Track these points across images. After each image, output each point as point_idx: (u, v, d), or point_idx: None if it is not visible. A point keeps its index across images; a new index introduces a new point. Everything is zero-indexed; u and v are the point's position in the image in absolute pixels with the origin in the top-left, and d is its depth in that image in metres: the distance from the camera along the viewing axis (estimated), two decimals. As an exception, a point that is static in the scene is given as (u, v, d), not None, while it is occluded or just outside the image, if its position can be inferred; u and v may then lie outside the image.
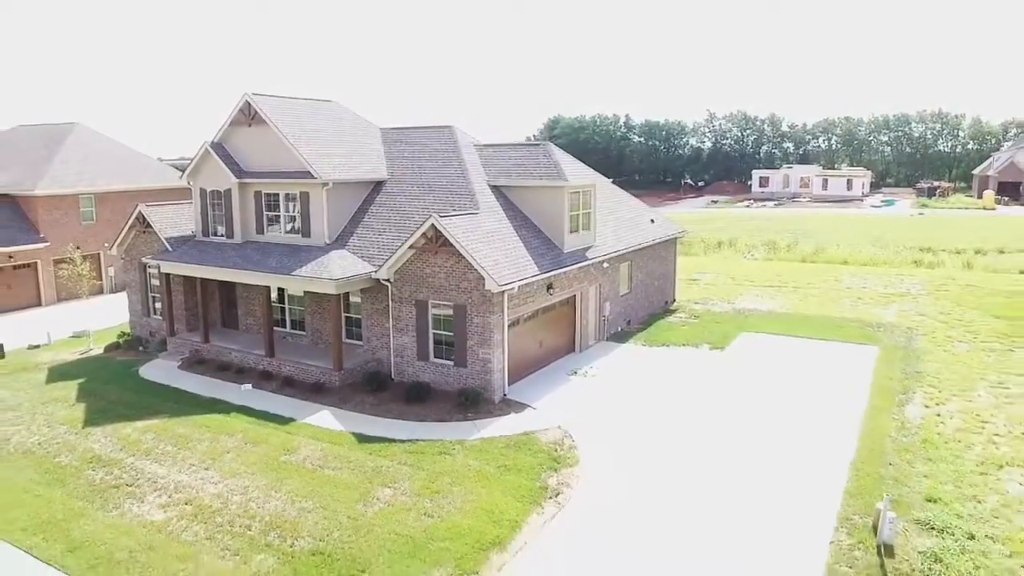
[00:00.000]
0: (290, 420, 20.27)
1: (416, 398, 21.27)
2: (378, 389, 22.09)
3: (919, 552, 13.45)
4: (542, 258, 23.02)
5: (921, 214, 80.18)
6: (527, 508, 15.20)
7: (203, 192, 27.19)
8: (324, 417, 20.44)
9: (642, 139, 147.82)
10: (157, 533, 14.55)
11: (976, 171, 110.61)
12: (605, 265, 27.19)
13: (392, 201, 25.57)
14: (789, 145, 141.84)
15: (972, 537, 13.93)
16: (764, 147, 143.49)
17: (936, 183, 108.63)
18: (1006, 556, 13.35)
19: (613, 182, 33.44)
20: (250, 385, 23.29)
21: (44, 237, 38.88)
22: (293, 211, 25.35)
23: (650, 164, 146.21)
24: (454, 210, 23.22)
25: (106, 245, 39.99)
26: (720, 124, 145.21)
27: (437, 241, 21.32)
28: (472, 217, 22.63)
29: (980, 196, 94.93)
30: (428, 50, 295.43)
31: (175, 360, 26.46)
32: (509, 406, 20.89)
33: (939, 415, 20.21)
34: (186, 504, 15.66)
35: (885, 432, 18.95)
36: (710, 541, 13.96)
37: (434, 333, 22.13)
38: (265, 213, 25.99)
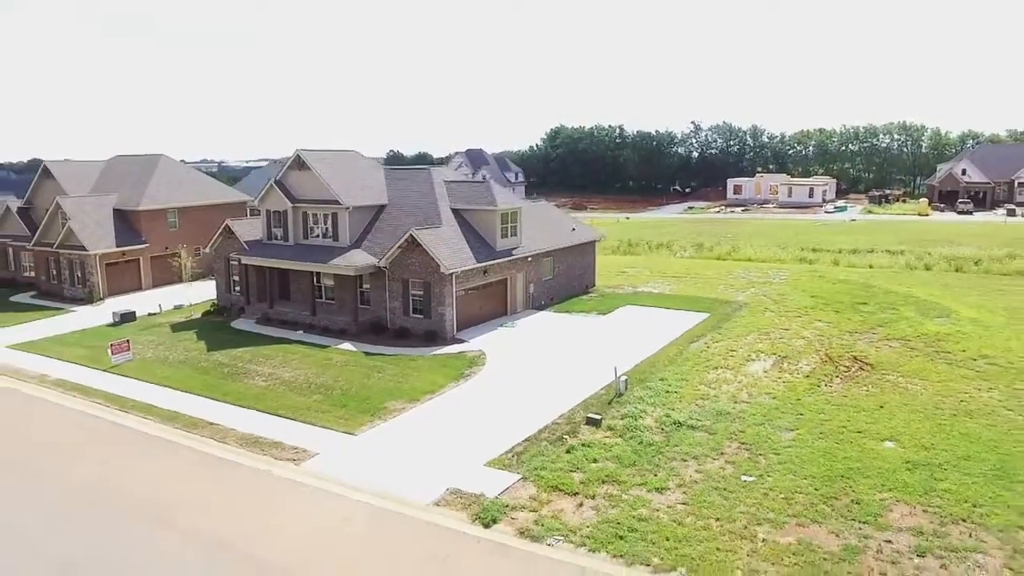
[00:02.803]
0: (327, 347, 34.94)
1: (401, 337, 35.76)
2: (379, 333, 36.61)
3: (635, 396, 27.52)
4: (479, 253, 37.35)
5: (854, 220, 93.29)
6: (450, 381, 29.60)
7: (268, 212, 41.80)
8: (346, 346, 35.04)
9: (635, 148, 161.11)
10: (263, 389, 29.20)
11: (929, 180, 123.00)
12: (529, 259, 41.42)
13: (390, 218, 40.03)
14: (769, 154, 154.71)
15: (668, 392, 27.94)
16: (747, 156, 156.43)
17: (887, 191, 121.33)
18: (677, 399, 27.29)
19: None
20: (301, 332, 37.89)
21: (145, 240, 53.87)
22: (327, 224, 39.84)
23: (642, 172, 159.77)
24: (426, 225, 37.56)
25: (183, 246, 54.76)
26: (706, 135, 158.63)
27: (414, 243, 35.72)
28: (436, 229, 37.03)
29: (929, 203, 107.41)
30: (449, 69, 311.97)
31: (252, 320, 41.16)
32: (455, 341, 35.29)
33: (708, 347, 34.10)
34: (275, 380, 30.30)
35: (667, 355, 32.93)
36: (539, 392, 28.15)
37: (412, 299, 36.56)
38: (309, 225, 40.52)
